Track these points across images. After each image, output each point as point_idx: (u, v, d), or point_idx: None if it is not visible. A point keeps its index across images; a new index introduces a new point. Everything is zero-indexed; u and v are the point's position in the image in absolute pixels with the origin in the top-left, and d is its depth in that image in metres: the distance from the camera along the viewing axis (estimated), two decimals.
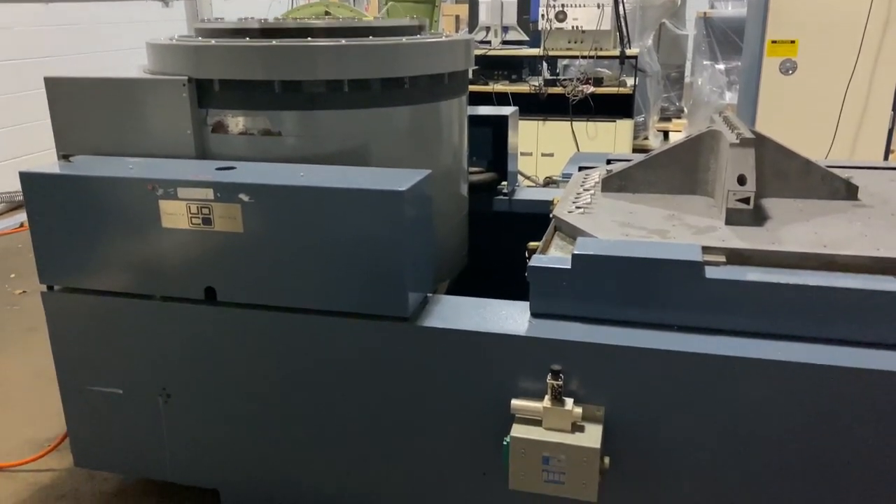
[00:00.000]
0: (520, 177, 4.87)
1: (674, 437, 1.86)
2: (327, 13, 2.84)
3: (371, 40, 2.25)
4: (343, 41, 2.19)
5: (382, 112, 2.31)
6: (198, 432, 2.27)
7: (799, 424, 1.77)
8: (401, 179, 1.93)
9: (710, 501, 1.89)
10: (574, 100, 5.54)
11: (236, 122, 2.25)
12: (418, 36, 2.41)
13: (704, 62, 6.99)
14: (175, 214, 2.05)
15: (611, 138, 5.71)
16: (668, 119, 7.73)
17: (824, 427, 1.76)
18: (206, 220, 2.03)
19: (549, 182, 3.64)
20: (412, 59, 2.29)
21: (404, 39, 2.30)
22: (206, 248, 2.06)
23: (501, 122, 3.12)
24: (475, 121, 3.09)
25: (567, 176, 2.91)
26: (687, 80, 8.07)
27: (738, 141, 2.10)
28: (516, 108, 3.27)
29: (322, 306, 2.04)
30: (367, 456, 2.15)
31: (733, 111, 5.36)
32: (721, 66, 6.85)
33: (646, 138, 6.77)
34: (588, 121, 5.67)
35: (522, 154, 5.99)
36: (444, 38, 2.44)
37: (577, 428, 1.83)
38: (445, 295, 2.16)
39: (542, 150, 5.92)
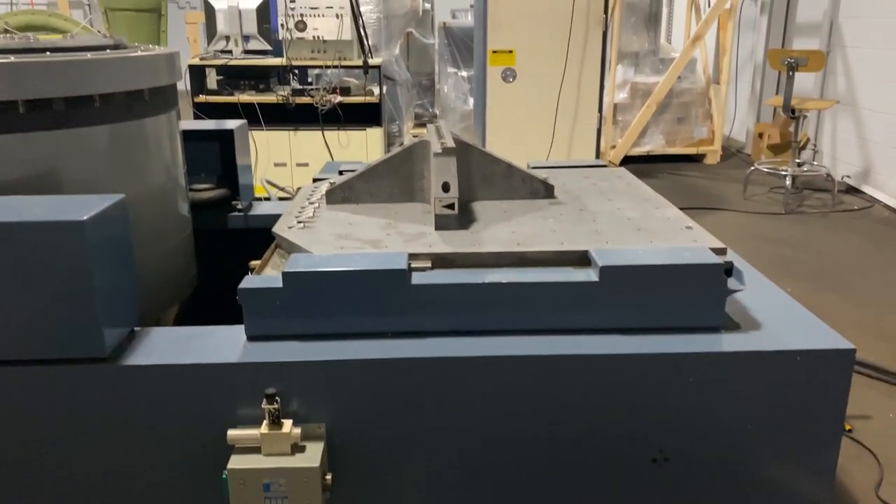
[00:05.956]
0: (273, 189, 4.77)
1: (396, 444, 1.90)
2: (6, 31, 2.55)
3: (49, 56, 2.05)
4: (12, 58, 1.97)
5: (72, 133, 2.11)
6: None
7: (509, 415, 1.88)
8: (83, 207, 1.76)
9: (440, 502, 1.96)
10: (323, 109, 5.55)
11: None
12: (107, 51, 2.23)
13: (449, 70, 7.35)
14: None
15: (363, 146, 5.80)
16: (423, 125, 8.02)
17: (536, 414, 1.87)
18: None
19: None
20: (100, 76, 2.11)
21: (89, 55, 2.11)
22: None
23: (227, 136, 3.01)
24: (197, 136, 2.96)
25: None
26: (437, 86, 8.45)
27: (440, 150, 2.21)
28: (244, 121, 3.18)
29: (5, 356, 1.80)
30: None
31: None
32: (464, 74, 7.24)
33: (401, 144, 6.97)
34: (339, 129, 5.71)
35: (276, 165, 5.89)
36: (139, 53, 2.28)
37: (297, 449, 1.79)
38: (156, 327, 2.02)
39: (296, 160, 5.86)
